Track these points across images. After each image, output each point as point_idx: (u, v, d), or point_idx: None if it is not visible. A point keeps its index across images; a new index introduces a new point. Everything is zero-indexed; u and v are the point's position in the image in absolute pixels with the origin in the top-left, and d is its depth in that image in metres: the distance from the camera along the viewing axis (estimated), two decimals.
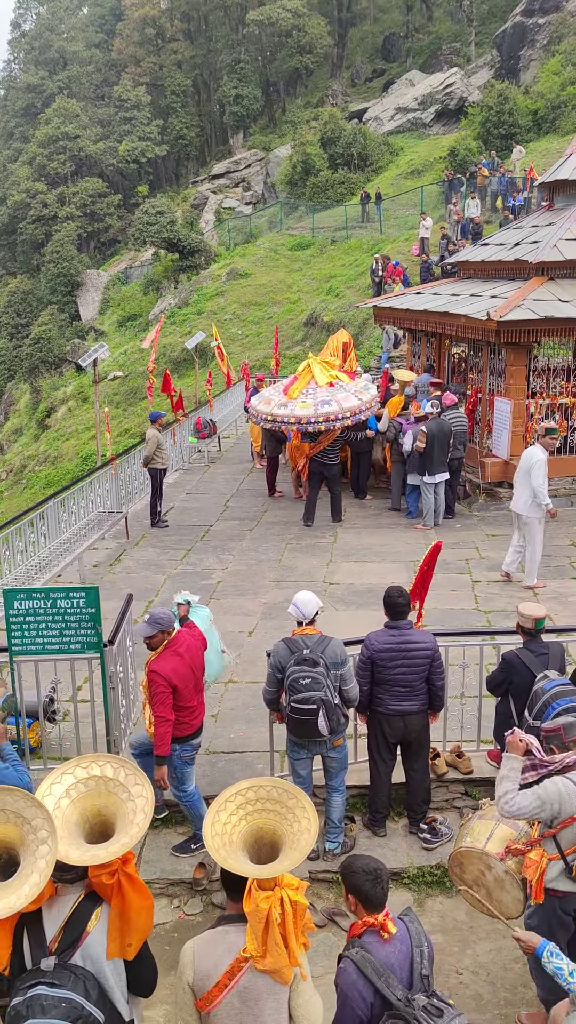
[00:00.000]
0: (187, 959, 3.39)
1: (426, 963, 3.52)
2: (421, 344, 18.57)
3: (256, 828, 3.43)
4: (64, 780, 3.57)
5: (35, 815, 3.33)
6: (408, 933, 3.58)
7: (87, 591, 6.66)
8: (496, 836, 4.73)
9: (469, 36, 52.58)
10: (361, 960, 3.43)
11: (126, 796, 3.55)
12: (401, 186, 39.77)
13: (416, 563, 8.41)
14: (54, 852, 3.28)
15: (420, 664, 6.20)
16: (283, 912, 3.27)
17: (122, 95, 57.87)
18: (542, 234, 15.27)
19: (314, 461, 13.54)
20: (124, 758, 3.70)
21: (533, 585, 10.65)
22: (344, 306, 30.81)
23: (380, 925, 3.52)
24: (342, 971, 3.47)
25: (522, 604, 6.36)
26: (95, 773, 3.59)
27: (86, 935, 3.38)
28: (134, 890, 3.45)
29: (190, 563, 12.30)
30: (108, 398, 34.72)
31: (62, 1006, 3.21)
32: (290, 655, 5.95)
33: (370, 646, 6.23)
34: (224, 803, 3.44)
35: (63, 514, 12.56)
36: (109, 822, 3.51)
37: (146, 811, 3.51)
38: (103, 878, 3.41)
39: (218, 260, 43.35)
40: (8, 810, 3.36)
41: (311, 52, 54.69)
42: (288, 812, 3.44)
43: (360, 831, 6.55)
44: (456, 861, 4.87)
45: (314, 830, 3.40)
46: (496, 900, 4.76)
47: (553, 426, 10.92)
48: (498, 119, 37.58)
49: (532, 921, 4.75)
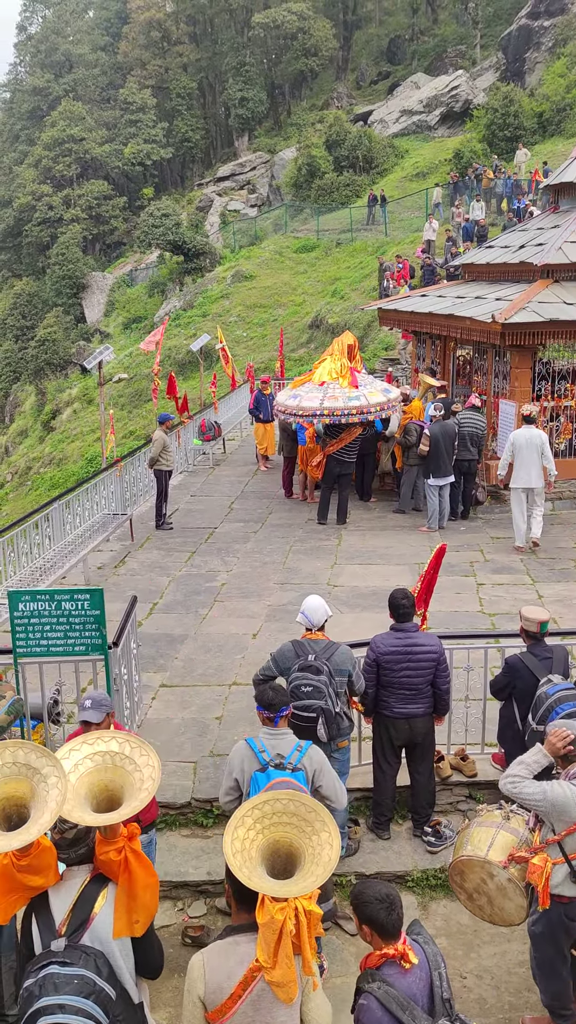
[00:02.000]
0: (197, 973, 3.34)
1: (446, 985, 3.41)
2: (426, 347, 18.56)
3: (273, 841, 3.38)
4: (72, 756, 3.62)
5: (44, 764, 3.43)
6: (425, 957, 3.47)
7: (92, 593, 6.66)
8: (497, 844, 4.70)
9: (474, 39, 52.61)
10: (384, 996, 3.29)
11: (132, 767, 3.60)
12: (406, 188, 39.80)
13: (420, 566, 8.41)
14: (64, 792, 3.36)
15: (426, 667, 6.20)
16: (297, 923, 3.24)
17: (128, 98, 58.01)
18: (547, 236, 15.27)
19: (331, 459, 13.56)
20: (130, 733, 3.75)
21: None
22: (349, 308, 30.82)
23: (401, 955, 3.38)
24: (365, 1008, 3.31)
25: (526, 608, 6.35)
26: (101, 748, 3.64)
27: (94, 916, 3.44)
28: (140, 866, 3.50)
29: (194, 565, 12.31)
30: (113, 400, 34.78)
31: (74, 983, 3.26)
32: (295, 658, 5.94)
33: (376, 649, 6.21)
34: (242, 819, 3.39)
35: (68, 516, 12.58)
36: (116, 796, 3.56)
37: (154, 778, 3.55)
38: (111, 854, 3.46)
39: (223, 262, 43.41)
40: (20, 763, 3.45)
41: (316, 55, 54.77)
42: (307, 825, 3.39)
43: (364, 834, 6.54)
44: (457, 870, 4.82)
45: (336, 844, 3.32)
46: (498, 908, 4.73)
47: (534, 410, 12.52)
48: (503, 121, 37.58)
49: (536, 928, 4.74)
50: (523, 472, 11.96)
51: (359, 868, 6.20)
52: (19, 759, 3.48)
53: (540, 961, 4.80)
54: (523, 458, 11.93)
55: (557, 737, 4.63)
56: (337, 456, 13.49)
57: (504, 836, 4.74)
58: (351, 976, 5.17)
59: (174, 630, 9.89)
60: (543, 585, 10.92)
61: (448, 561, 9.24)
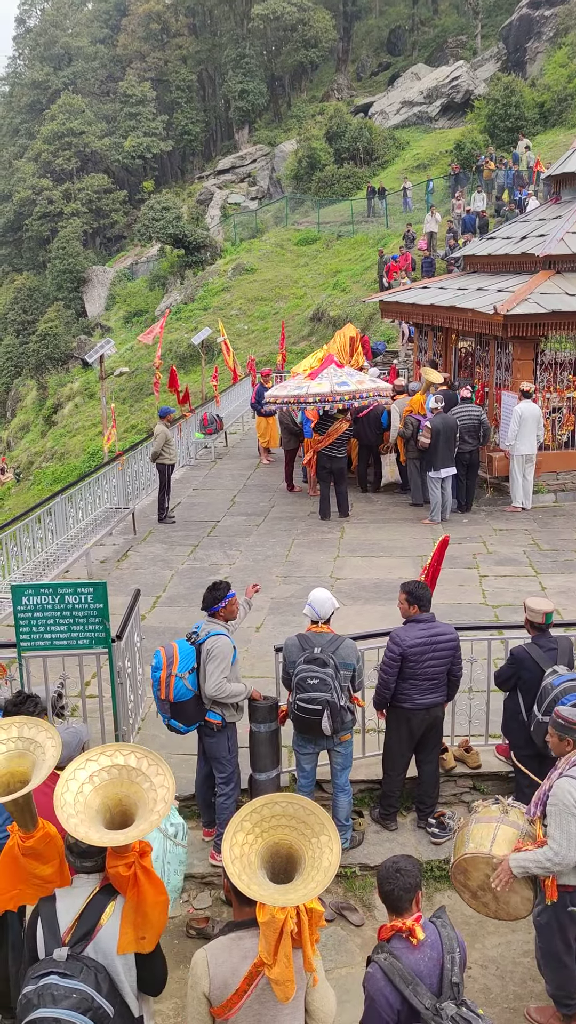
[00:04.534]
0: (201, 969, 3.33)
1: (457, 970, 3.45)
2: (428, 338, 18.52)
3: (272, 844, 3.36)
4: (88, 766, 3.59)
5: (45, 737, 3.53)
6: (440, 938, 3.51)
7: (95, 587, 6.67)
8: (500, 838, 4.68)
9: (475, 29, 52.32)
10: (389, 967, 3.39)
11: (148, 785, 3.56)
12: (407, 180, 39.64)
13: (423, 558, 8.41)
14: (56, 756, 3.50)
15: (448, 656, 6.21)
16: (299, 921, 3.23)
17: (127, 91, 57.84)
18: (549, 227, 15.21)
19: (321, 455, 13.55)
20: (147, 748, 3.75)
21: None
22: (350, 301, 30.76)
23: (408, 930, 3.46)
24: (370, 976, 3.44)
25: (530, 599, 6.34)
26: (119, 762, 3.61)
27: (99, 928, 3.40)
28: (150, 883, 3.45)
29: (197, 559, 12.31)
30: (114, 394, 34.77)
31: (73, 997, 3.23)
32: (300, 651, 5.94)
33: (401, 643, 6.13)
34: (240, 823, 3.37)
35: (70, 510, 12.58)
36: (129, 811, 3.52)
37: (167, 800, 3.51)
38: (120, 869, 3.42)
39: (224, 255, 43.32)
40: (25, 737, 3.51)
41: (316, 46, 54.54)
42: (306, 827, 3.37)
43: (369, 825, 6.55)
44: (460, 869, 4.77)
45: (336, 848, 3.30)
46: (504, 903, 4.71)
47: (532, 387, 13.60)
48: (504, 112, 37.39)
49: (542, 919, 4.75)
50: (527, 440, 13.34)
51: (363, 860, 6.21)
52: (24, 734, 3.54)
53: (545, 952, 4.81)
54: (527, 428, 13.29)
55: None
56: (327, 452, 13.48)
57: (505, 830, 4.73)
58: (356, 967, 5.19)
59: (178, 623, 9.89)
60: (546, 577, 10.91)
61: (451, 553, 9.23)
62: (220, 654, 5.93)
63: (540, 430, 13.48)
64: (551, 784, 4.62)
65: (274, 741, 6.32)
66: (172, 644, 6.10)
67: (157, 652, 6.08)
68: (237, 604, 6.30)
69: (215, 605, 6.13)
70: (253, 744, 6.27)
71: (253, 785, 6.31)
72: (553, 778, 4.66)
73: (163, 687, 5.98)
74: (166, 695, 5.99)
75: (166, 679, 5.96)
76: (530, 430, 13.29)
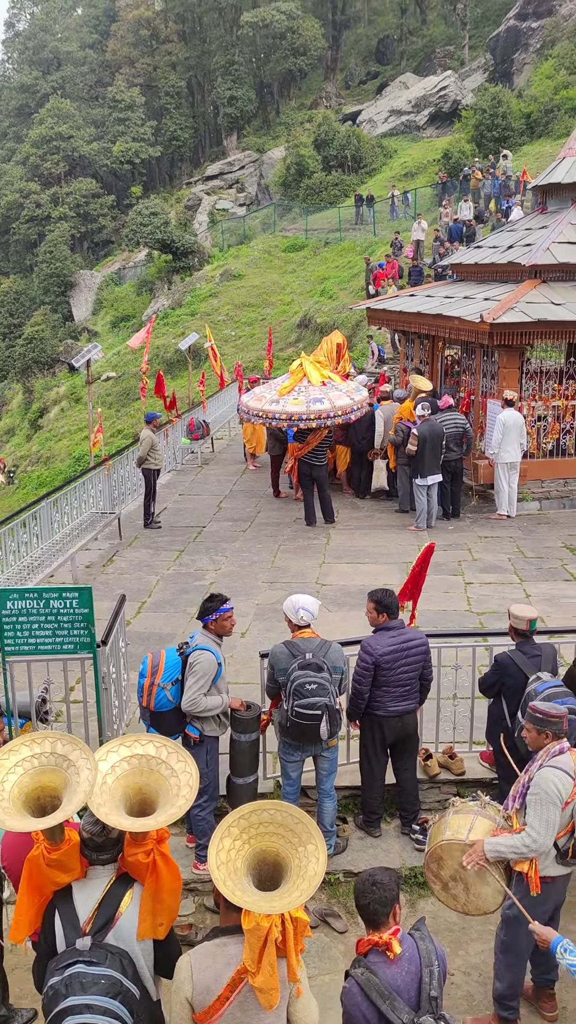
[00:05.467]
0: (185, 974, 3.33)
1: (435, 984, 3.42)
2: (414, 346, 18.60)
3: (259, 851, 3.37)
4: (110, 757, 3.65)
5: (78, 755, 3.51)
6: (418, 952, 3.48)
7: (80, 591, 6.65)
8: (477, 828, 4.71)
9: (463, 39, 52.71)
10: (366, 982, 3.37)
11: (169, 772, 3.62)
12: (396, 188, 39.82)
13: (408, 565, 8.42)
14: (93, 782, 3.45)
15: (419, 661, 6.24)
16: (284, 930, 3.23)
17: (116, 96, 57.85)
18: (535, 237, 15.32)
19: (302, 463, 13.58)
20: (166, 738, 3.82)
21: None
22: (337, 308, 30.84)
23: (385, 945, 3.43)
24: (347, 991, 3.41)
25: (514, 606, 6.37)
26: (138, 752, 3.67)
27: (119, 916, 3.47)
28: (168, 870, 3.53)
29: (183, 564, 12.30)
30: (101, 399, 34.68)
31: (101, 983, 3.28)
32: (291, 658, 5.90)
33: (373, 651, 6.13)
34: (227, 828, 3.37)
35: (56, 514, 12.53)
36: (149, 800, 3.58)
37: (191, 785, 3.57)
38: (139, 856, 3.48)
39: (212, 261, 43.36)
40: (58, 753, 3.52)
41: (305, 54, 54.76)
42: (293, 836, 3.38)
43: (353, 832, 6.55)
44: (435, 857, 4.78)
45: (322, 858, 3.31)
46: (475, 894, 4.72)
47: (515, 395, 13.69)
48: (491, 122, 37.66)
49: (512, 911, 4.76)
50: (510, 448, 13.38)
51: (347, 866, 6.21)
52: (57, 750, 3.54)
53: (508, 946, 4.83)
54: (511, 436, 13.32)
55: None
56: (307, 459, 13.50)
57: (483, 821, 4.76)
58: (339, 974, 5.18)
59: (163, 629, 9.88)
60: (531, 584, 10.96)
61: (436, 560, 9.26)
62: (201, 670, 5.89)
63: (524, 438, 13.55)
64: (530, 776, 4.67)
65: (255, 750, 6.31)
66: (160, 653, 6.06)
67: (145, 658, 6.05)
68: (232, 620, 6.20)
69: (206, 616, 6.09)
70: (234, 752, 6.25)
71: (231, 789, 6.29)
72: (532, 770, 4.70)
73: (145, 695, 5.97)
74: (147, 703, 5.97)
75: (148, 688, 5.94)
76: (513, 438, 13.36)
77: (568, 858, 4.64)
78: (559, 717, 4.72)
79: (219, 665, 6.00)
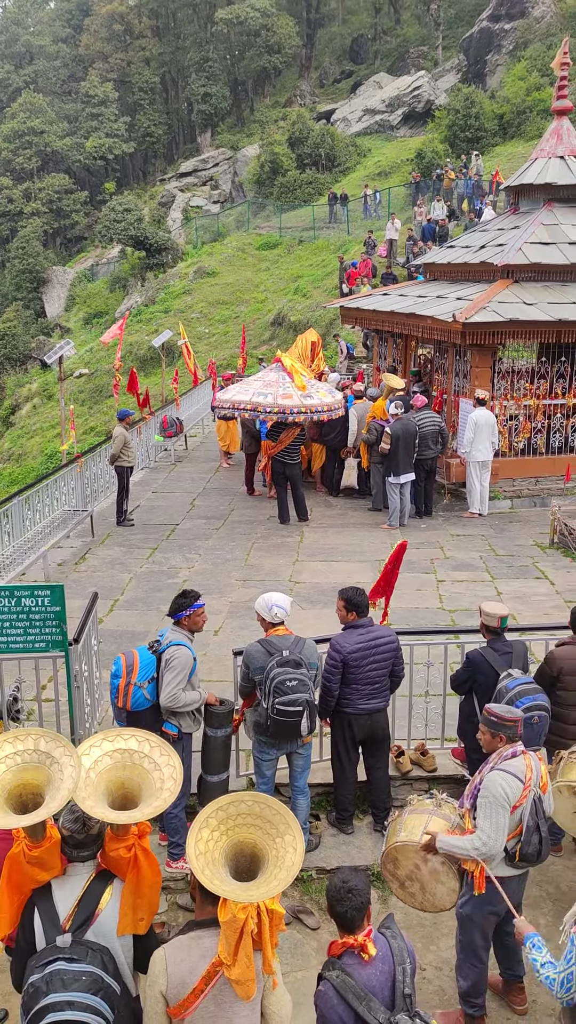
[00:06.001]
0: (159, 968, 3.34)
1: (408, 981, 3.45)
2: (388, 345, 18.67)
3: (237, 842, 3.39)
4: (92, 752, 3.66)
5: (61, 753, 3.50)
6: (391, 951, 3.50)
7: (52, 589, 6.62)
8: (431, 828, 4.75)
9: (436, 40, 52.90)
10: (341, 984, 3.37)
11: (152, 766, 3.63)
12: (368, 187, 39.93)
13: (381, 562, 8.46)
14: (76, 779, 3.43)
15: (388, 659, 6.26)
16: (259, 922, 3.25)
17: (89, 91, 57.45)
18: (507, 237, 15.43)
19: (275, 461, 13.59)
20: (148, 732, 3.82)
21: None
22: (311, 306, 30.87)
23: (360, 947, 3.45)
24: (321, 994, 3.41)
25: (485, 603, 6.42)
26: (120, 746, 3.68)
27: (99, 912, 3.48)
28: (148, 864, 3.55)
29: (156, 562, 12.26)
30: (73, 396, 34.45)
31: (83, 979, 3.29)
32: (268, 656, 5.88)
33: (341, 649, 6.16)
34: (206, 820, 3.39)
35: (27, 512, 12.43)
36: (131, 795, 3.59)
37: (175, 778, 3.58)
38: (121, 851, 3.50)
39: (185, 258, 43.22)
40: (40, 751, 3.51)
41: (279, 52, 54.68)
42: (271, 827, 3.40)
43: (326, 829, 6.58)
44: (390, 857, 4.83)
45: (300, 848, 3.34)
46: (430, 893, 4.80)
47: (486, 394, 13.79)
48: (464, 123, 37.87)
49: (465, 910, 4.82)
50: (482, 447, 13.48)
51: (320, 863, 6.23)
52: (40, 747, 3.53)
53: (465, 945, 4.88)
54: (482, 435, 13.41)
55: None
56: (280, 458, 13.53)
57: (437, 821, 4.81)
58: (312, 971, 5.20)
59: (135, 627, 9.84)
60: (502, 582, 11.05)
61: (409, 558, 9.31)
62: (179, 665, 5.90)
63: (495, 437, 13.65)
64: (482, 778, 4.71)
65: (228, 746, 6.32)
66: (133, 652, 6.04)
67: (117, 659, 6.02)
68: (204, 616, 6.24)
69: (179, 612, 6.10)
70: (207, 748, 6.24)
71: (203, 787, 6.29)
72: (484, 772, 4.75)
73: (121, 695, 5.94)
74: (124, 703, 5.94)
75: (124, 687, 5.92)
76: (485, 437, 13.46)
77: (516, 861, 4.68)
78: (513, 721, 4.75)
79: (194, 660, 6.01)
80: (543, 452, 14.82)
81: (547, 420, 14.77)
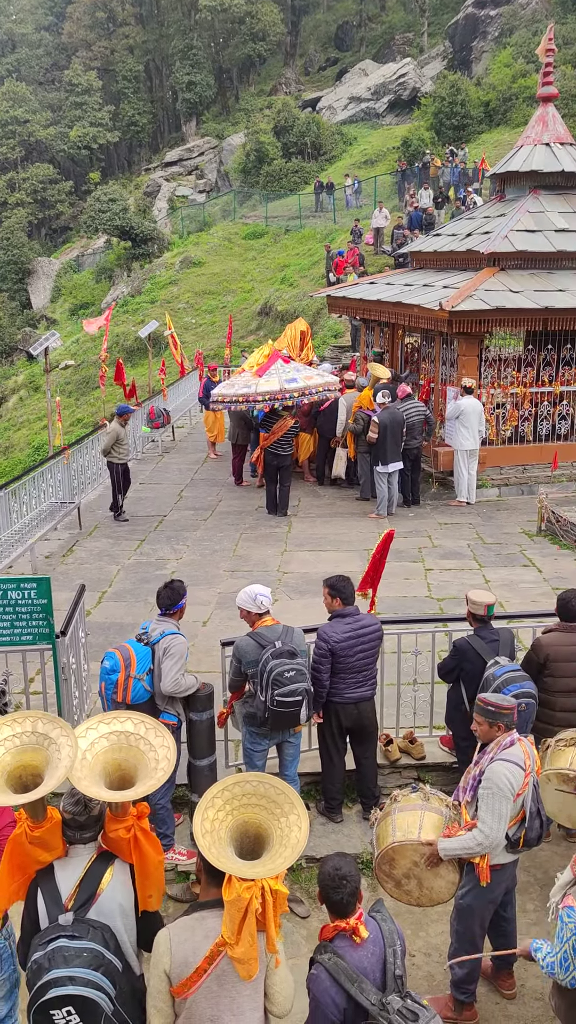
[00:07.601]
0: (163, 947, 3.39)
1: (399, 962, 3.51)
2: (375, 333, 18.64)
3: (241, 822, 3.45)
4: (89, 735, 3.73)
5: (58, 733, 3.57)
6: (381, 933, 3.56)
7: (39, 582, 6.60)
8: (426, 825, 4.74)
9: (422, 26, 52.70)
10: (334, 966, 3.43)
11: (147, 747, 3.71)
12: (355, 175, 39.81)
13: (369, 552, 8.47)
14: (73, 757, 3.52)
15: (374, 646, 6.29)
16: (263, 901, 3.31)
17: (73, 79, 56.93)
18: (493, 225, 15.42)
19: (268, 452, 13.55)
20: (144, 714, 3.91)
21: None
22: (298, 295, 30.79)
23: (352, 930, 3.50)
24: (314, 978, 3.47)
25: (473, 591, 6.43)
26: (117, 728, 3.77)
27: (100, 892, 3.56)
28: (149, 844, 3.63)
29: (144, 553, 12.24)
30: (60, 387, 34.29)
31: (84, 955, 3.37)
32: (261, 649, 5.86)
33: (329, 639, 6.15)
34: (212, 799, 3.45)
35: (14, 504, 12.39)
36: (128, 775, 3.67)
37: (169, 759, 3.67)
38: (120, 832, 3.59)
39: (171, 248, 43.00)
40: (38, 732, 3.59)
41: (264, 40, 54.33)
42: (276, 807, 3.46)
43: (315, 818, 6.59)
44: (387, 859, 4.79)
45: (305, 826, 3.39)
46: (428, 888, 4.79)
47: (473, 383, 13.82)
48: (450, 110, 37.78)
49: (465, 900, 4.83)
50: (469, 435, 13.48)
51: (309, 852, 6.24)
52: (38, 729, 3.61)
53: (462, 934, 4.90)
54: (470, 423, 13.42)
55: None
56: (272, 449, 13.50)
57: (430, 816, 4.80)
58: (302, 958, 5.21)
59: (123, 619, 9.83)
60: (489, 570, 11.08)
61: (396, 547, 9.33)
62: (177, 652, 5.93)
63: (482, 425, 13.66)
64: (481, 769, 4.71)
65: (212, 728, 6.33)
66: (126, 646, 6.02)
67: (111, 654, 5.97)
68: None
69: (176, 604, 6.13)
70: (192, 733, 6.25)
71: (192, 772, 6.29)
72: (483, 763, 4.74)
73: (120, 690, 5.88)
74: (123, 698, 5.91)
75: (124, 681, 5.88)
76: (472, 425, 13.47)
77: (519, 848, 4.70)
78: (510, 709, 4.75)
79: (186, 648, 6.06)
80: (530, 440, 14.86)
81: (534, 408, 14.80)
